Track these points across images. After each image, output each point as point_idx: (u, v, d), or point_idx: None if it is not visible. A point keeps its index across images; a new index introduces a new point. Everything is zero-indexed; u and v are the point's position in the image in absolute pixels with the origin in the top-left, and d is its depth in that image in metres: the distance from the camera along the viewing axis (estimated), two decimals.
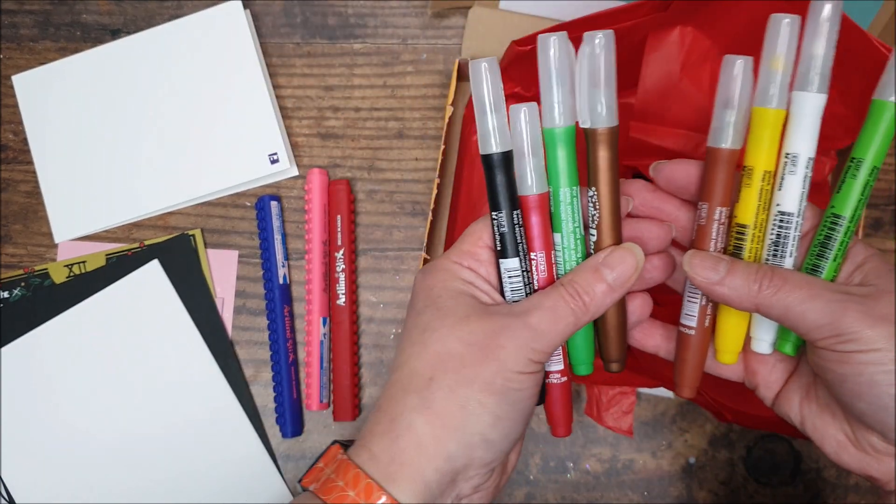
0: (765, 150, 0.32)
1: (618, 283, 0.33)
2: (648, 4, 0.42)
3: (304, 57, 0.55)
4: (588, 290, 0.32)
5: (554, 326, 0.32)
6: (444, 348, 0.32)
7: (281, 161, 0.53)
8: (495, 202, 0.33)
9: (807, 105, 0.32)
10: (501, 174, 0.33)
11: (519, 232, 0.33)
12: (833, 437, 0.34)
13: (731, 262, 0.32)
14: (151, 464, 0.51)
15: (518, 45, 0.43)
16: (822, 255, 0.33)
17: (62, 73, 0.54)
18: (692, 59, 0.45)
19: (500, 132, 0.33)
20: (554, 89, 0.33)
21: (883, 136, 0.32)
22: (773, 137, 0.33)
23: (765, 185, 0.33)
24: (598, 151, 0.33)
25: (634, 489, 0.53)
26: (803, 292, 0.31)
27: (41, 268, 0.53)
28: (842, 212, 0.33)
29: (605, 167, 0.34)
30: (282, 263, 0.52)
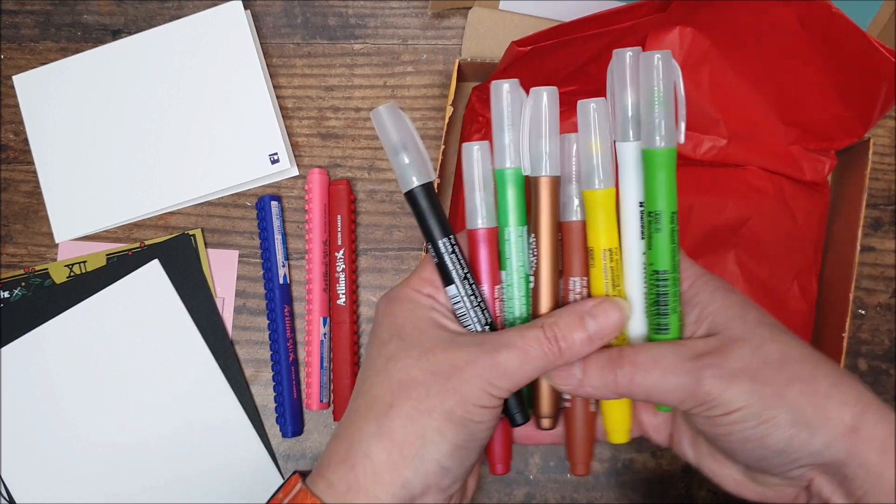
0: (602, 230, 0.33)
1: (598, 336, 0.32)
2: (648, 4, 0.42)
3: (304, 57, 0.55)
4: (567, 336, 0.32)
5: (522, 367, 0.31)
6: (408, 377, 0.32)
7: (281, 161, 0.53)
8: (426, 232, 0.34)
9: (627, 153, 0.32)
10: (426, 205, 0.33)
11: (452, 259, 0.33)
12: (730, 476, 0.34)
13: (585, 363, 0.32)
14: (151, 464, 0.51)
15: (518, 45, 0.43)
16: (661, 313, 0.32)
17: (63, 73, 0.54)
18: (692, 59, 0.45)
19: (413, 167, 0.34)
20: (505, 132, 0.34)
21: (666, 182, 0.32)
22: (608, 216, 0.33)
23: (608, 264, 0.33)
24: (538, 199, 0.33)
25: (634, 489, 0.53)
26: (656, 372, 0.31)
27: (42, 268, 0.53)
28: (661, 267, 0.32)
29: (545, 215, 0.34)
30: (282, 263, 0.52)
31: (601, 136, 0.32)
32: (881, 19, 0.50)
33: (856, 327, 0.53)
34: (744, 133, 0.47)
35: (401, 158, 0.33)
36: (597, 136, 0.32)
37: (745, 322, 0.31)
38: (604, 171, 0.32)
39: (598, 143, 0.32)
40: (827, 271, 0.50)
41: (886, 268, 0.54)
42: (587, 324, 0.32)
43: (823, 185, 0.49)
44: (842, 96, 0.44)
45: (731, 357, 0.30)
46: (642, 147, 0.32)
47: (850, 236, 0.49)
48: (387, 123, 0.33)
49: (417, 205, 0.33)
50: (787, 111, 0.46)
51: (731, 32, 0.44)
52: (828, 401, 0.29)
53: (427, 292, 0.34)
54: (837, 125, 0.46)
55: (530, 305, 0.34)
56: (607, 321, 0.32)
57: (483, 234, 0.34)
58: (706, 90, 0.46)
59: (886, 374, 0.53)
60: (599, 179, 0.32)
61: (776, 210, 0.47)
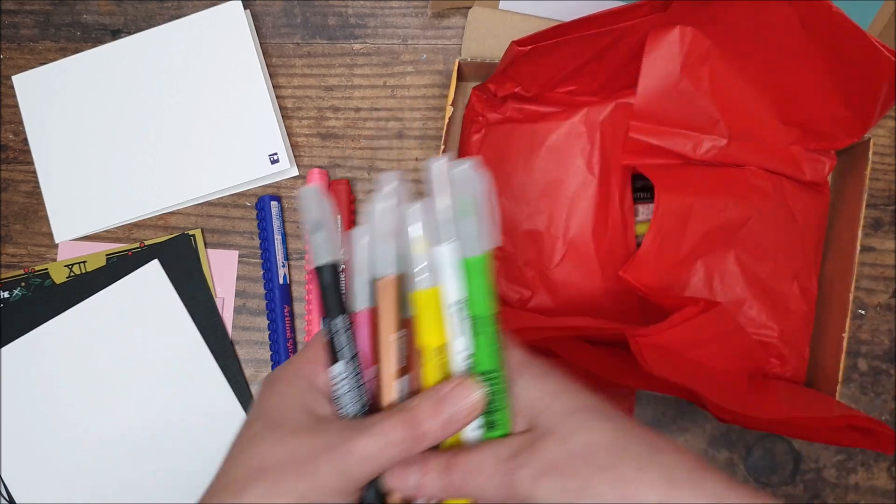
0: (432, 329, 0.33)
1: (455, 420, 0.32)
2: (648, 4, 0.42)
3: (304, 57, 0.55)
4: (424, 420, 0.32)
5: (381, 453, 0.31)
6: (265, 461, 0.32)
7: (281, 161, 0.53)
8: (324, 308, 0.34)
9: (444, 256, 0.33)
10: (330, 282, 0.34)
11: (345, 338, 0.34)
12: None
13: (423, 468, 0.32)
14: (151, 464, 0.51)
15: (518, 45, 0.43)
16: (490, 410, 0.33)
17: (62, 73, 0.54)
18: (692, 58, 0.45)
19: (328, 245, 0.34)
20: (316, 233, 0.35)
21: (483, 287, 0.33)
22: (435, 315, 0.33)
23: (439, 361, 0.33)
24: (378, 301, 0.34)
25: None
26: (481, 476, 0.31)
27: (41, 268, 0.53)
28: (485, 368, 0.33)
29: (385, 315, 0.34)
30: (282, 263, 0.52)
31: (425, 238, 0.33)
32: (881, 19, 0.50)
33: (856, 327, 0.53)
34: (744, 133, 0.47)
35: (317, 236, 0.34)
36: (419, 238, 0.33)
37: (555, 412, 0.32)
38: (428, 272, 0.33)
39: (420, 245, 0.33)
40: (827, 271, 0.50)
41: (886, 268, 0.54)
42: (444, 408, 0.32)
43: (823, 186, 0.49)
44: (842, 96, 0.44)
45: (539, 453, 0.31)
46: (459, 255, 0.33)
47: (850, 236, 0.49)
48: (311, 203, 0.35)
49: (323, 280, 0.34)
50: (787, 111, 0.46)
51: (731, 32, 0.44)
52: (632, 486, 0.29)
53: (307, 373, 0.34)
54: (837, 125, 0.46)
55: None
56: (464, 403, 0.32)
57: (362, 315, 0.34)
58: (706, 90, 0.46)
59: (886, 374, 0.53)
60: (424, 280, 0.33)
61: (776, 210, 0.47)
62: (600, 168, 0.48)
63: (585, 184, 0.48)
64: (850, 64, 0.42)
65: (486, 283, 0.33)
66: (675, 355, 0.40)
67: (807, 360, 0.49)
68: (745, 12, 0.42)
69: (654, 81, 0.46)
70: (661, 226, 0.45)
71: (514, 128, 0.49)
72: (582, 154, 0.48)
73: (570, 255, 0.48)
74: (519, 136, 0.49)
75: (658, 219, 0.45)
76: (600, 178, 0.48)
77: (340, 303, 0.34)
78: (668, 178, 0.46)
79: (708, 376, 0.41)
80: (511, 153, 0.49)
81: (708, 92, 0.46)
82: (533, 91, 0.48)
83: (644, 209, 0.51)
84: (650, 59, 0.45)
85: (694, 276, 0.46)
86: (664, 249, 0.45)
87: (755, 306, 0.47)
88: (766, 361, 0.47)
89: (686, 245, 0.46)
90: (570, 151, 0.48)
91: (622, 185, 0.48)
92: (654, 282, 0.45)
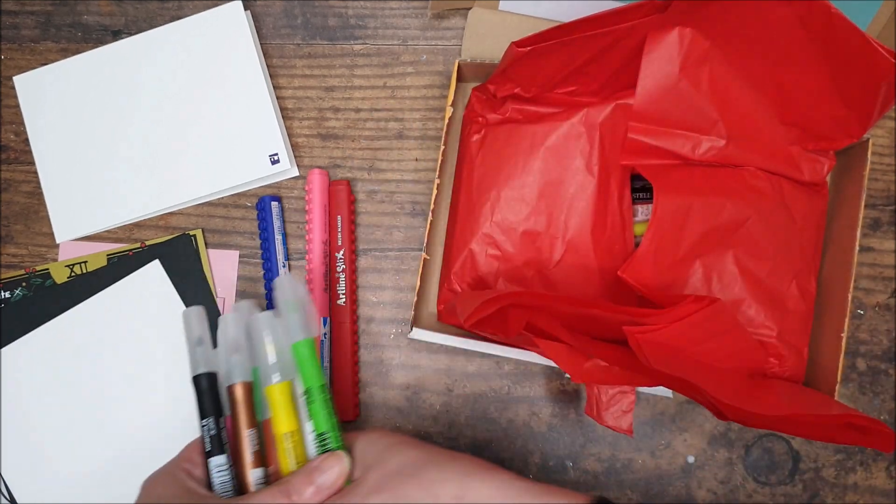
0: (283, 418, 0.41)
1: (325, 486, 0.39)
2: (648, 5, 0.42)
3: (304, 58, 0.55)
4: (298, 489, 0.39)
5: None
6: None
7: (281, 161, 0.53)
8: (203, 411, 0.41)
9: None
10: (208, 389, 0.41)
11: (222, 434, 0.41)
12: None
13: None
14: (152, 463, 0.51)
15: (518, 45, 0.44)
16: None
17: (63, 73, 0.54)
18: (691, 59, 0.45)
19: (203, 359, 0.41)
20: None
21: (310, 365, 0.41)
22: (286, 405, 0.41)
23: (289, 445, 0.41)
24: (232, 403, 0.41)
25: (634, 488, 0.53)
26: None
27: (42, 268, 0.53)
28: (321, 430, 0.41)
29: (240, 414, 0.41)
30: (282, 263, 0.53)
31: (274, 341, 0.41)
32: (881, 19, 0.50)
33: (854, 327, 0.53)
34: (743, 133, 0.47)
35: (197, 350, 0.42)
36: (269, 341, 0.41)
37: (377, 451, 0.40)
38: (278, 370, 0.41)
39: (269, 347, 0.41)
40: (826, 271, 0.50)
41: (885, 268, 0.54)
42: (315, 478, 0.39)
43: (822, 186, 0.50)
44: (841, 97, 0.44)
45: (365, 482, 0.38)
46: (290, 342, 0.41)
47: (848, 236, 0.49)
48: (193, 321, 0.43)
49: (200, 387, 0.41)
50: (786, 111, 0.47)
51: (731, 32, 0.44)
52: (434, 485, 0.36)
53: (185, 468, 0.40)
54: (836, 126, 0.46)
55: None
56: (331, 473, 0.39)
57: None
58: (705, 91, 0.46)
59: (885, 373, 0.53)
60: (273, 376, 0.41)
61: (775, 210, 0.47)
62: (599, 168, 0.48)
63: (584, 184, 0.48)
64: (849, 65, 0.42)
65: (313, 361, 0.41)
66: (674, 352, 0.40)
67: (805, 360, 0.49)
68: (744, 13, 0.42)
69: (653, 82, 0.46)
70: (659, 226, 0.45)
71: (514, 128, 0.49)
72: (581, 154, 0.48)
73: (569, 255, 0.48)
74: (518, 137, 0.49)
75: (657, 219, 0.45)
76: (599, 178, 0.48)
77: (217, 406, 0.41)
78: (666, 178, 0.46)
79: (708, 373, 0.41)
80: (511, 153, 0.49)
81: (707, 92, 0.46)
82: (532, 92, 0.48)
83: (643, 209, 0.51)
84: (649, 60, 0.45)
85: (692, 275, 0.46)
86: (663, 249, 0.45)
87: (754, 306, 0.47)
88: (765, 361, 0.47)
89: (685, 245, 0.46)
90: (569, 152, 0.48)
91: (621, 186, 0.48)
92: (653, 281, 0.45)
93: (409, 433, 0.53)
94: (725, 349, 0.43)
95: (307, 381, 0.41)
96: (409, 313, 0.53)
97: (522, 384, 0.53)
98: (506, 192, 0.49)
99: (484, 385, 0.53)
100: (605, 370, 0.42)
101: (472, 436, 0.53)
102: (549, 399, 0.53)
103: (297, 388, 0.42)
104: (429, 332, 0.49)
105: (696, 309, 0.41)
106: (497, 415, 0.53)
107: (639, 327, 0.40)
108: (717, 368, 0.43)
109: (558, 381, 0.53)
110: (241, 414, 0.41)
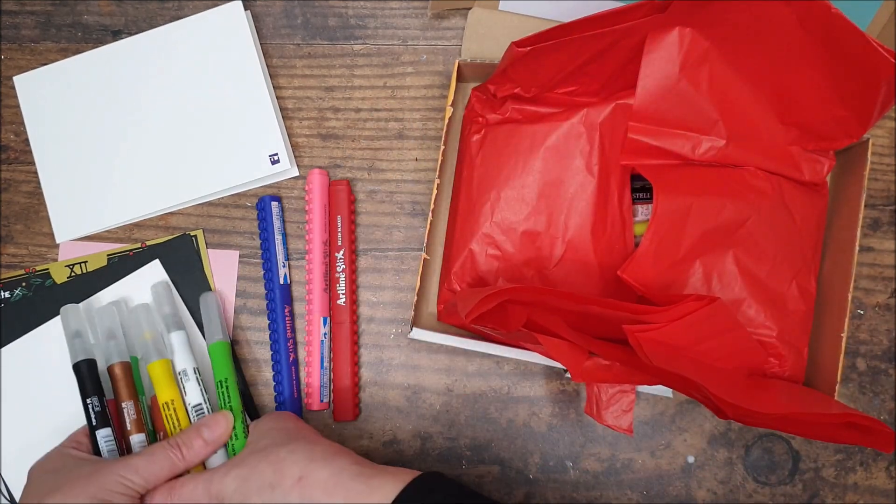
0: (163, 389, 0.48)
1: (212, 440, 0.46)
2: (648, 5, 0.42)
3: (304, 58, 0.55)
4: (187, 442, 0.45)
5: (149, 466, 0.43)
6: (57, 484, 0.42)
7: (282, 161, 0.53)
8: (85, 392, 0.47)
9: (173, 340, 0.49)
10: (88, 375, 0.47)
11: (106, 411, 0.47)
12: None
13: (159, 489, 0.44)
14: None
15: (518, 45, 0.44)
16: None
17: (63, 73, 0.54)
18: (691, 59, 0.45)
19: (82, 347, 0.48)
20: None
21: (222, 361, 0.49)
22: (166, 379, 0.48)
23: (168, 412, 0.47)
24: (114, 379, 0.48)
25: (633, 488, 0.53)
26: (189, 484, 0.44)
27: (42, 268, 0.53)
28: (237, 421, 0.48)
29: (121, 389, 0.47)
30: (282, 263, 0.53)
31: (150, 329, 0.49)
32: (880, 20, 0.50)
33: (854, 327, 0.53)
34: (743, 133, 0.47)
35: (76, 341, 0.48)
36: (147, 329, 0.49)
37: (258, 432, 0.46)
38: (155, 351, 0.48)
39: (148, 333, 0.49)
40: (825, 271, 0.50)
41: (885, 268, 0.54)
42: (203, 433, 0.46)
43: (822, 186, 0.50)
44: (841, 97, 0.44)
45: (237, 456, 0.44)
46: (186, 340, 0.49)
47: (848, 236, 0.49)
48: (70, 317, 0.49)
49: (82, 374, 0.47)
50: (786, 111, 0.47)
51: (730, 33, 0.44)
52: (282, 464, 0.41)
53: (72, 447, 0.46)
54: (836, 126, 0.46)
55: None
56: (218, 428, 0.46)
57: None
58: (705, 91, 0.46)
59: (885, 373, 0.53)
60: (153, 354, 0.48)
61: (775, 210, 0.47)
62: (599, 168, 0.48)
63: (584, 184, 0.48)
64: (849, 65, 0.42)
65: (226, 359, 0.49)
66: (674, 350, 0.40)
67: (805, 360, 0.49)
68: (743, 13, 0.42)
69: (653, 82, 0.46)
70: (659, 226, 0.45)
71: (514, 128, 0.49)
72: (581, 154, 0.48)
73: (569, 254, 0.48)
74: (518, 137, 0.49)
75: (657, 219, 0.45)
76: (599, 178, 0.48)
77: (98, 386, 0.47)
78: (666, 178, 0.46)
79: (708, 371, 0.41)
80: (511, 153, 0.49)
81: (707, 92, 0.46)
82: (532, 92, 0.48)
83: (643, 209, 0.51)
84: (649, 60, 0.45)
85: (692, 275, 0.46)
86: (662, 249, 0.45)
87: (754, 306, 0.47)
88: (765, 361, 0.47)
89: (684, 245, 0.46)
90: (569, 152, 0.48)
91: (621, 186, 0.48)
92: (653, 281, 0.45)
93: (409, 433, 0.53)
94: (725, 348, 0.43)
95: (219, 373, 0.49)
96: (409, 313, 0.53)
97: (522, 384, 0.53)
98: (506, 192, 0.49)
99: (484, 385, 0.53)
100: (605, 368, 0.42)
101: (472, 436, 0.53)
102: (549, 399, 0.53)
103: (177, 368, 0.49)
104: (429, 332, 0.49)
105: (697, 308, 0.41)
106: (497, 415, 0.53)
107: (639, 326, 0.40)
108: (717, 367, 0.43)
109: (558, 381, 0.53)
110: (121, 389, 0.47)
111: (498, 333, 0.45)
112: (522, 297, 0.41)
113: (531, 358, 0.49)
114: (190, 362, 0.49)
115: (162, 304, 0.51)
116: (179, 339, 0.49)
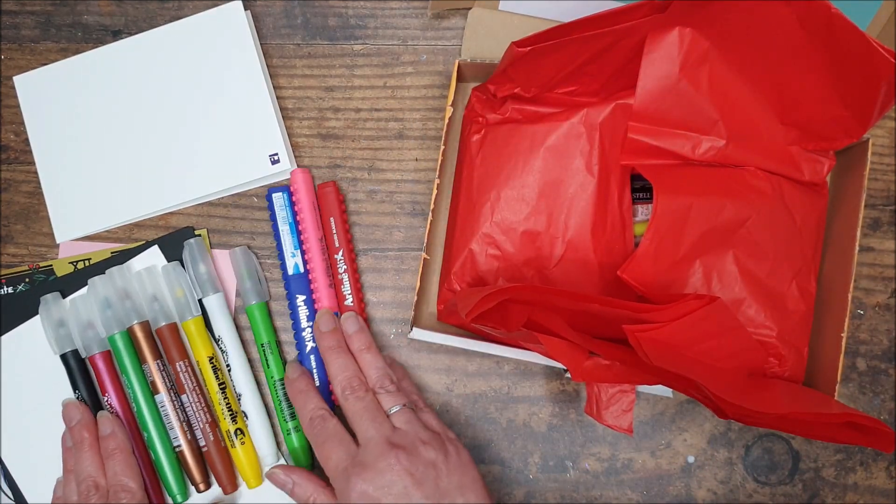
0: (200, 345, 0.50)
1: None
2: (648, 4, 0.42)
3: (304, 58, 0.55)
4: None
5: None
6: None
7: (282, 161, 0.53)
8: (74, 383, 0.50)
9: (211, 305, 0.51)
10: (76, 367, 0.50)
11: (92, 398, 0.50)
12: None
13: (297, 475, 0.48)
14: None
15: (518, 45, 0.44)
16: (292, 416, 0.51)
17: (63, 73, 0.54)
18: (691, 59, 0.45)
19: (67, 339, 0.50)
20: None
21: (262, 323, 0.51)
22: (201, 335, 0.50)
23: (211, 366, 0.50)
24: (136, 341, 0.50)
25: (633, 488, 0.53)
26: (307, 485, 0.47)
27: (46, 264, 0.53)
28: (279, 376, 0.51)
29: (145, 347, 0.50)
30: (291, 253, 0.52)
31: (184, 287, 0.51)
32: (881, 19, 0.50)
33: (854, 327, 0.53)
34: (743, 133, 0.47)
35: (60, 330, 0.50)
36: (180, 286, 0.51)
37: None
38: (190, 308, 0.50)
39: (182, 290, 0.51)
40: (826, 271, 0.50)
41: (885, 268, 0.54)
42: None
43: (822, 186, 0.50)
44: (841, 97, 0.44)
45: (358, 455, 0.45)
46: (223, 303, 0.51)
47: (848, 236, 0.49)
48: (51, 309, 0.50)
49: (70, 366, 0.50)
50: (786, 111, 0.47)
51: (730, 33, 0.44)
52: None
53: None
54: (836, 125, 0.46)
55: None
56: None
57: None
58: (705, 91, 0.46)
59: (885, 373, 0.53)
60: (188, 313, 0.50)
61: (775, 210, 0.47)
62: (599, 168, 0.48)
63: (584, 184, 0.48)
64: (849, 64, 0.42)
65: (265, 321, 0.51)
66: (674, 350, 0.40)
67: (805, 360, 0.49)
68: (743, 13, 0.42)
69: (653, 82, 0.46)
70: (659, 226, 0.45)
71: (514, 128, 0.49)
72: (581, 154, 0.48)
73: (569, 254, 0.48)
74: (518, 137, 0.49)
75: (657, 219, 0.45)
76: (599, 178, 0.48)
77: (84, 372, 0.50)
78: (666, 178, 0.46)
79: (708, 370, 0.41)
80: (511, 153, 0.49)
81: (707, 92, 0.46)
82: (532, 92, 0.48)
83: (643, 209, 0.51)
84: (649, 60, 0.45)
85: (692, 275, 0.46)
86: (662, 249, 0.45)
87: (754, 306, 0.47)
88: (765, 361, 0.47)
89: (684, 245, 0.46)
90: (569, 152, 0.48)
91: (621, 186, 0.48)
92: (653, 281, 0.45)
93: None
94: (725, 348, 0.43)
95: (260, 336, 0.51)
96: (409, 313, 0.53)
97: (522, 384, 0.53)
98: (506, 191, 0.49)
99: (484, 385, 0.53)
100: (605, 368, 0.42)
101: (472, 436, 0.53)
102: (549, 399, 0.53)
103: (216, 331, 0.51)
104: (429, 332, 0.49)
105: (697, 307, 0.41)
106: (497, 415, 0.53)
107: (639, 325, 0.40)
108: (717, 367, 0.43)
109: (558, 381, 0.53)
110: (171, 349, 0.50)
111: (498, 333, 0.45)
112: (522, 296, 0.41)
113: (531, 358, 0.49)
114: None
115: (197, 263, 0.51)
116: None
